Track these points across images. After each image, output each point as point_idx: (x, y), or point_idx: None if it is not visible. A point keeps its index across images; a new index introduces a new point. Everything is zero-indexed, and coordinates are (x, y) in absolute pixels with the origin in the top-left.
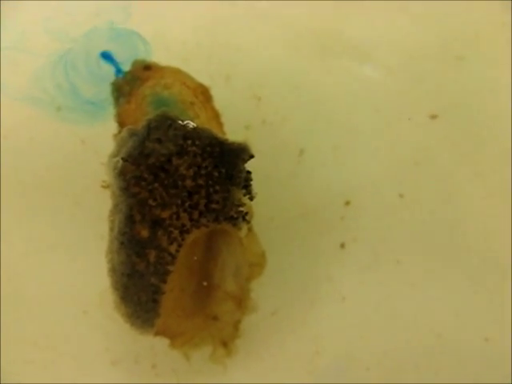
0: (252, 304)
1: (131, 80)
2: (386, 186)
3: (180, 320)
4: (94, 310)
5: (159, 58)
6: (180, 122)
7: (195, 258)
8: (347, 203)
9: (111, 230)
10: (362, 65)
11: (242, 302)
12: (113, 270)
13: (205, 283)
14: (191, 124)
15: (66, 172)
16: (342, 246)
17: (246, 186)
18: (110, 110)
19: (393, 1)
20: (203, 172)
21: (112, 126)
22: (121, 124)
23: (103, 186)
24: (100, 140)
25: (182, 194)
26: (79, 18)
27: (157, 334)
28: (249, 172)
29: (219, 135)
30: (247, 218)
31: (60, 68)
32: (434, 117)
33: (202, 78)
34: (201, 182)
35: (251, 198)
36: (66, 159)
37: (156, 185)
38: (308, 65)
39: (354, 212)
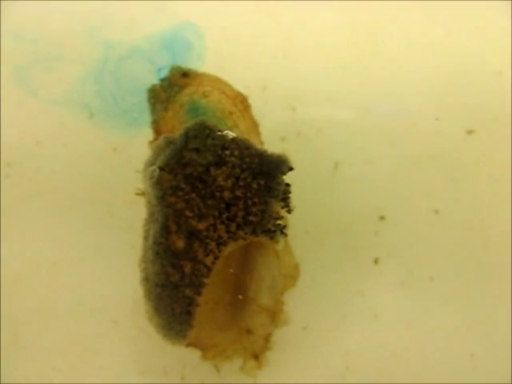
0: (284, 317)
1: (168, 87)
2: (422, 201)
3: (213, 332)
4: (124, 319)
5: (195, 66)
6: (219, 131)
7: (231, 270)
8: (382, 218)
9: (145, 239)
10: (399, 77)
11: (275, 315)
12: (146, 280)
13: (240, 297)
14: (230, 134)
15: (98, 179)
16: (376, 261)
17: (285, 198)
18: (144, 118)
19: (430, 14)
20: (242, 183)
21: (145, 134)
22: (157, 131)
23: (138, 194)
24: (133, 148)
25: (219, 206)
26: (119, 24)
27: (188, 345)
28: (288, 184)
29: (258, 146)
30: (285, 231)
31: (97, 75)
32: (470, 132)
33: (238, 87)
34: (239, 193)
35: (289, 211)
36: (98, 166)
37: (193, 195)
38: (344, 76)
39: (388, 227)
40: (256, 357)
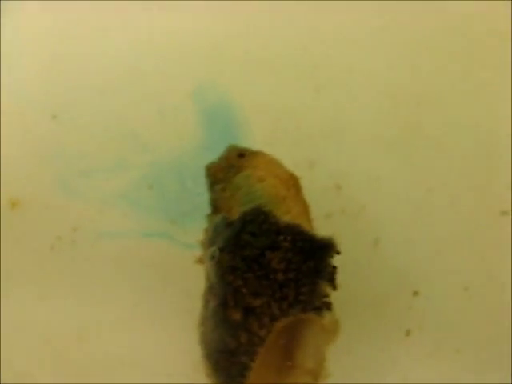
0: (325, 373)
1: (226, 167)
2: (453, 278)
3: None
4: (180, 378)
5: (245, 143)
6: (273, 217)
7: (282, 341)
8: (415, 293)
9: (204, 307)
10: (440, 160)
11: (318, 375)
12: (205, 343)
13: (289, 363)
14: (284, 220)
15: (155, 247)
16: (408, 333)
17: (331, 279)
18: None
19: (473, 94)
20: (293, 266)
21: (202, 208)
22: (215, 208)
23: (196, 262)
24: (190, 220)
25: (273, 286)
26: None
27: None
28: (334, 267)
29: (309, 231)
30: (330, 307)
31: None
32: (504, 213)
33: (286, 165)
34: (291, 275)
35: (334, 289)
36: (156, 235)
37: (250, 275)
38: (388, 156)
39: (421, 302)
40: None
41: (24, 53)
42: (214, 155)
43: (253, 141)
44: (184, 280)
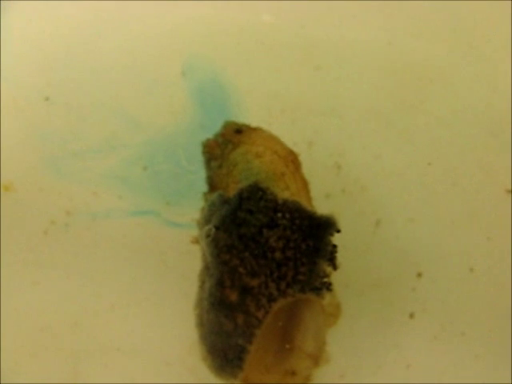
0: (326, 356)
1: (223, 143)
2: (458, 259)
3: (261, 374)
4: (176, 361)
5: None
6: (271, 194)
7: (280, 323)
8: (419, 275)
9: (200, 288)
10: (443, 136)
11: (319, 358)
12: (201, 325)
13: (287, 346)
14: (281, 196)
15: (153, 231)
16: (412, 315)
17: (331, 258)
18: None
19: (476, 74)
20: (292, 245)
21: (197, 188)
22: (211, 186)
23: (192, 242)
24: (185, 201)
25: (271, 265)
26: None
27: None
28: (334, 246)
29: (308, 208)
30: (330, 287)
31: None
32: (509, 191)
33: (286, 143)
34: (289, 254)
35: (334, 269)
36: (152, 218)
37: (246, 254)
38: (388, 134)
39: (425, 284)
40: None
41: (16, 36)
42: (208, 133)
43: (249, 120)
44: (179, 261)
